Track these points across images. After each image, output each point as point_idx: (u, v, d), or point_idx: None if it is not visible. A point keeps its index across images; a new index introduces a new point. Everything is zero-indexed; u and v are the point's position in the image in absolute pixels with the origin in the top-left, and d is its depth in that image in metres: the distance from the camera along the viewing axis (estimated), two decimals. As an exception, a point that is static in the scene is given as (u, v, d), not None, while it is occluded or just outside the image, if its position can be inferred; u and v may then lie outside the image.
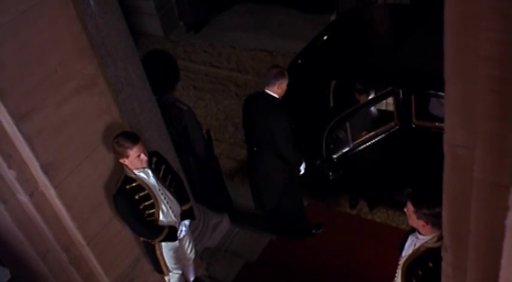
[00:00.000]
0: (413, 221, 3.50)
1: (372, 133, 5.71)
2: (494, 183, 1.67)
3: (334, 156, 5.61)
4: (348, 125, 5.57)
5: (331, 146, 5.62)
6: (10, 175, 3.84)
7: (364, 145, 5.71)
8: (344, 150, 5.65)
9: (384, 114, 5.94)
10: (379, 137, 5.73)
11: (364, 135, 5.76)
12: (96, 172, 4.29)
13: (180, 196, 4.66)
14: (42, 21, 3.54)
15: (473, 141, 1.65)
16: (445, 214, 2.00)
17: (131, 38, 4.71)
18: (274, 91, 5.13)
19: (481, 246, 1.89)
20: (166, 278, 4.99)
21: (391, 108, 5.76)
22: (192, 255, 5.09)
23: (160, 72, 5.57)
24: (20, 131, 3.60)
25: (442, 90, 1.67)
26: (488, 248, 1.86)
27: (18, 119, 3.56)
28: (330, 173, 5.65)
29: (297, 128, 5.57)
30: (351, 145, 5.68)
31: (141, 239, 4.71)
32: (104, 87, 4.12)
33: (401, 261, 3.78)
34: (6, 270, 5.53)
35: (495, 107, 1.52)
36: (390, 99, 5.57)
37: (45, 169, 3.85)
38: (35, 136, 3.70)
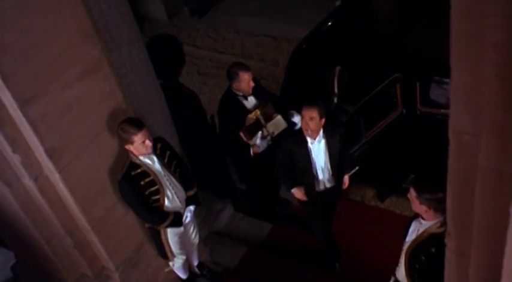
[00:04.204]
0: (416, 206, 3.52)
1: (380, 123, 5.68)
2: (499, 170, 1.67)
3: (351, 152, 5.58)
4: (361, 119, 5.54)
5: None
6: (15, 159, 3.85)
7: (376, 136, 5.68)
8: (359, 145, 5.61)
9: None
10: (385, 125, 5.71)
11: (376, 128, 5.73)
12: (100, 157, 4.29)
13: (185, 182, 4.66)
14: (46, 6, 3.53)
15: (479, 128, 1.64)
16: (449, 201, 2.00)
17: (135, 23, 4.69)
18: (232, 87, 5.23)
19: (484, 234, 1.89)
20: (170, 263, 5.02)
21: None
22: (196, 241, 5.11)
23: (166, 56, 5.55)
24: (25, 115, 3.60)
25: (448, 77, 1.66)
26: (492, 235, 1.85)
27: (23, 103, 3.56)
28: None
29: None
30: (365, 138, 5.65)
31: (146, 224, 4.72)
32: (108, 72, 4.11)
33: (405, 247, 3.79)
34: (12, 254, 5.56)
35: (501, 93, 1.51)
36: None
37: (50, 153, 3.86)
38: (39, 120, 3.70)
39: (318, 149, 4.76)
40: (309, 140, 4.71)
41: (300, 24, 8.73)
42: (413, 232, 3.74)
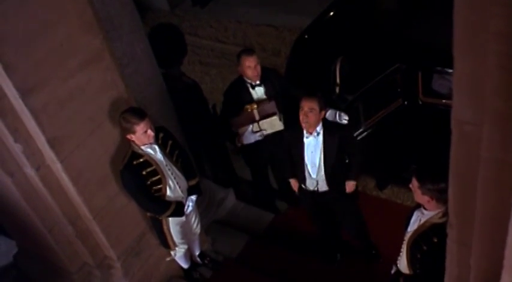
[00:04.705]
0: (418, 196, 3.52)
1: (381, 112, 5.66)
2: (501, 161, 1.66)
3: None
4: (360, 106, 5.52)
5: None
6: (17, 149, 3.85)
7: (376, 125, 5.65)
8: (358, 132, 5.58)
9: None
10: (387, 115, 5.70)
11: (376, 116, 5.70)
12: (102, 147, 4.29)
13: (187, 171, 4.66)
14: (47, -5, 3.52)
15: (481, 118, 1.64)
16: (451, 191, 2.00)
17: (137, 13, 4.68)
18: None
19: (486, 224, 1.89)
20: (172, 252, 5.03)
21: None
22: (197, 230, 5.12)
23: (168, 45, 5.54)
24: (26, 105, 3.60)
25: (450, 67, 1.66)
26: (493, 225, 1.86)
27: (24, 93, 3.56)
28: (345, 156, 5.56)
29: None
30: (364, 126, 5.63)
31: (148, 214, 4.73)
32: (110, 61, 4.10)
33: (407, 237, 3.80)
34: (14, 243, 5.58)
35: (503, 83, 1.50)
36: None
37: (51, 143, 3.86)
38: (41, 110, 3.70)
39: (314, 145, 4.60)
40: (305, 133, 4.58)
41: (302, 14, 8.70)
42: (415, 222, 3.74)
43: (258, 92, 5.19)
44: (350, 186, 4.88)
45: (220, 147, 6.26)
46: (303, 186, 4.91)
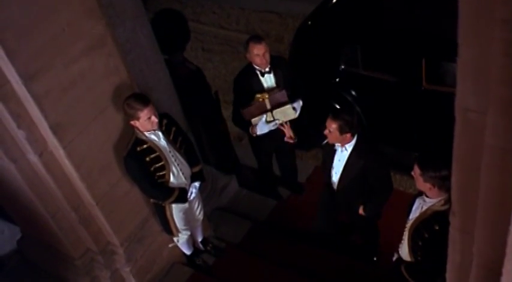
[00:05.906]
0: (420, 184, 3.53)
1: (378, 74, 5.77)
2: (505, 149, 1.66)
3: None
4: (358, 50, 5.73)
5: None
6: (19, 135, 3.85)
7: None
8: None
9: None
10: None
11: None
12: (105, 133, 4.29)
13: (190, 158, 4.67)
14: (49, -20, 3.51)
15: (485, 106, 1.63)
16: (454, 179, 1.99)
17: (139, -2, 4.67)
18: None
19: (489, 212, 1.89)
20: (175, 238, 5.05)
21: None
22: (200, 217, 5.13)
23: (171, 31, 5.52)
24: (29, 90, 3.60)
25: (455, 55, 1.65)
26: (496, 213, 1.85)
27: (27, 79, 3.55)
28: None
29: (306, 89, 5.52)
30: (360, 69, 5.76)
31: (151, 200, 4.74)
32: (112, 47, 4.09)
33: (408, 224, 3.81)
34: (18, 229, 5.61)
35: (509, 71, 1.50)
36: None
37: (54, 129, 3.86)
38: (43, 96, 3.70)
39: (341, 156, 4.57)
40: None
41: (305, 1, 8.66)
42: (416, 209, 3.75)
43: (268, 80, 5.12)
44: (361, 212, 4.85)
45: (223, 133, 6.25)
46: (328, 182, 4.88)
